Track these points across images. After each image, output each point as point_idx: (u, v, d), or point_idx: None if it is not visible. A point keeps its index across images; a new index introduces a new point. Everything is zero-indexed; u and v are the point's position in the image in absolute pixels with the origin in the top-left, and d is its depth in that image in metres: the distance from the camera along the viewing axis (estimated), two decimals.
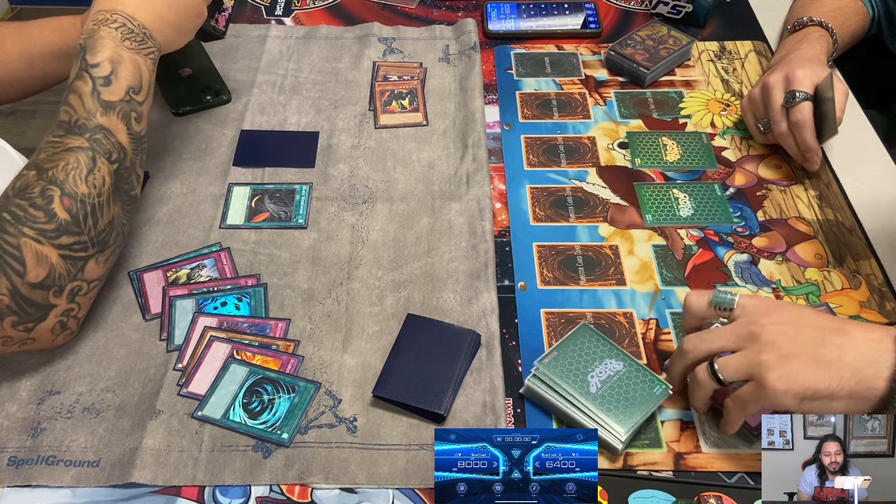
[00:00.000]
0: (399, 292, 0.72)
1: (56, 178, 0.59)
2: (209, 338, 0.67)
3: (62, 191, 0.59)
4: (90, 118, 0.61)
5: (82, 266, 0.60)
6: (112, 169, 0.62)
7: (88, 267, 0.61)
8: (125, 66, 0.64)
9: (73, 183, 0.59)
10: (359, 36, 1.01)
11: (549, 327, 0.69)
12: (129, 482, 0.58)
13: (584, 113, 0.91)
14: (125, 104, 0.63)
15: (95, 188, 0.60)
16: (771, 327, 0.56)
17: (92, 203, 0.60)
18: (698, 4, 1.01)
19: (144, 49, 0.66)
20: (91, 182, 0.60)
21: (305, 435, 0.61)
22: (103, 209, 0.61)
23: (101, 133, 0.61)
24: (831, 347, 0.55)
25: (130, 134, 0.64)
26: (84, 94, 0.62)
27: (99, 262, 0.62)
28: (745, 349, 0.57)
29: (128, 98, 0.64)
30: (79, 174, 0.59)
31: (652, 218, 0.79)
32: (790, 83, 0.80)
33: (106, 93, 0.62)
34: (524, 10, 1.04)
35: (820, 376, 0.54)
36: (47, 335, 0.61)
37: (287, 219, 0.78)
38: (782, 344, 0.55)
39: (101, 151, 0.61)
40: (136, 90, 0.65)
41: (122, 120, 0.63)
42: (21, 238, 0.56)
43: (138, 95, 0.65)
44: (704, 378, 0.58)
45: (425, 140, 0.87)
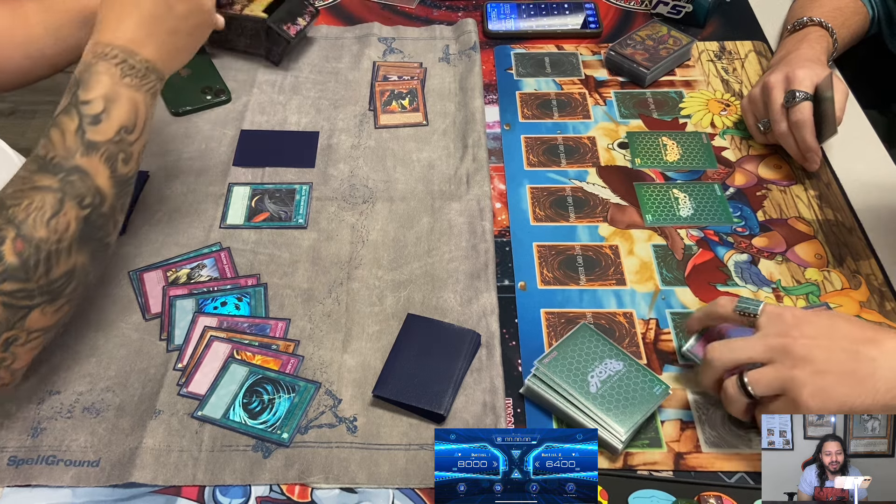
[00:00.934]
0: (399, 292, 0.72)
1: (15, 218, 0.54)
2: (209, 338, 0.68)
3: (17, 231, 0.53)
4: (68, 158, 0.56)
5: (24, 315, 0.54)
6: (82, 215, 0.56)
7: (31, 317, 0.55)
8: (120, 104, 0.59)
9: (31, 224, 0.54)
10: (359, 36, 1.01)
11: (549, 327, 0.69)
12: (129, 482, 0.58)
13: (584, 113, 0.91)
14: (113, 145, 0.58)
15: (56, 233, 0.55)
16: (802, 341, 0.55)
17: (48, 249, 0.54)
18: (698, 4, 1.02)
19: (146, 84, 0.61)
20: (53, 226, 0.54)
21: (305, 435, 0.61)
22: (60, 257, 0.55)
23: (76, 175, 0.56)
24: (865, 361, 0.54)
25: (114, 177, 0.58)
26: (67, 132, 0.57)
27: (45, 313, 0.56)
28: (776, 363, 0.56)
29: (118, 138, 0.58)
30: (41, 216, 0.54)
31: (652, 218, 0.79)
32: (790, 83, 0.80)
33: (92, 132, 0.57)
34: (524, 10, 1.04)
35: (855, 392, 0.53)
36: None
37: (287, 219, 0.78)
38: (815, 359, 0.54)
39: (72, 195, 0.56)
40: (129, 129, 0.59)
41: (105, 162, 0.58)
42: None
43: (131, 135, 0.60)
44: (735, 393, 0.57)
45: (425, 140, 0.87)
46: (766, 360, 0.56)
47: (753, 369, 0.57)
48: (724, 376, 0.59)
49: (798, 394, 0.54)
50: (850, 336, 0.56)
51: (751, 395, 0.56)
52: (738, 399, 0.57)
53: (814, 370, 0.54)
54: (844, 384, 0.54)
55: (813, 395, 0.53)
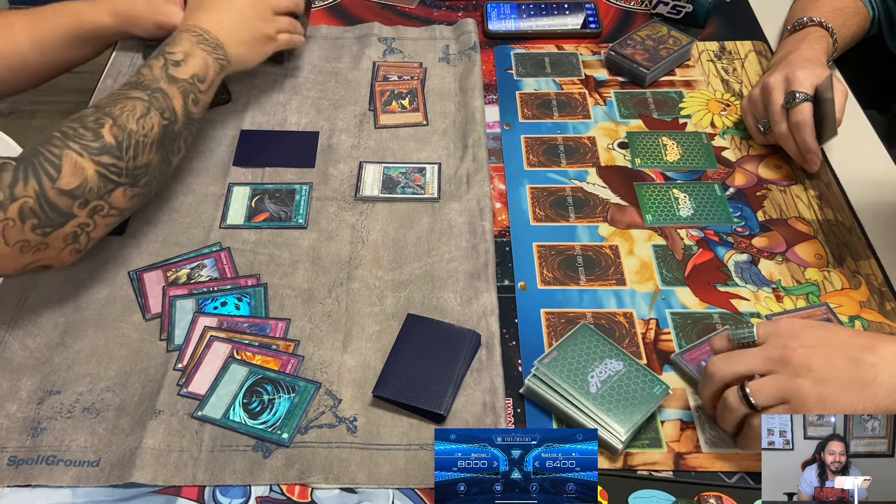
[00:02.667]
0: (399, 292, 0.72)
1: (111, 112, 0.66)
2: (209, 338, 0.68)
3: (114, 122, 0.65)
4: (155, 82, 0.69)
5: (111, 189, 0.64)
6: (163, 123, 0.68)
7: (116, 193, 0.65)
8: (195, 58, 0.73)
9: (125, 118, 0.65)
10: (359, 36, 1.01)
11: (549, 327, 0.69)
12: (129, 482, 0.58)
13: (584, 113, 0.91)
14: (188, 84, 0.71)
15: (143, 129, 0.66)
16: (801, 350, 0.56)
17: (137, 139, 0.66)
18: (698, 4, 1.02)
19: (215, 54, 0.75)
20: (141, 123, 0.66)
21: (305, 435, 0.61)
22: (145, 150, 0.66)
23: (160, 94, 0.69)
24: (865, 367, 0.54)
25: (186, 108, 0.71)
26: (155, 67, 0.70)
27: (126, 195, 0.66)
28: (776, 373, 0.56)
29: (192, 81, 0.72)
30: (132, 115, 0.66)
31: (652, 218, 0.79)
32: (790, 84, 0.80)
33: (174, 70, 0.71)
34: (524, 10, 1.04)
35: (857, 399, 0.54)
36: (59, 243, 0.63)
37: (287, 219, 0.78)
38: (816, 367, 0.55)
39: (157, 107, 0.68)
40: (201, 79, 0.73)
41: (181, 94, 0.70)
42: (65, 150, 0.62)
43: (202, 84, 0.73)
44: (735, 402, 0.57)
45: (425, 140, 0.87)
46: (766, 372, 0.57)
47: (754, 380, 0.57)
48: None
49: (801, 402, 0.54)
50: (847, 343, 0.56)
51: (752, 405, 0.56)
52: (738, 409, 0.57)
53: (815, 378, 0.54)
54: (847, 391, 0.54)
55: (817, 404, 0.54)
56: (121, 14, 0.79)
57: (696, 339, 0.68)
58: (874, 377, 0.54)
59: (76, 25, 0.78)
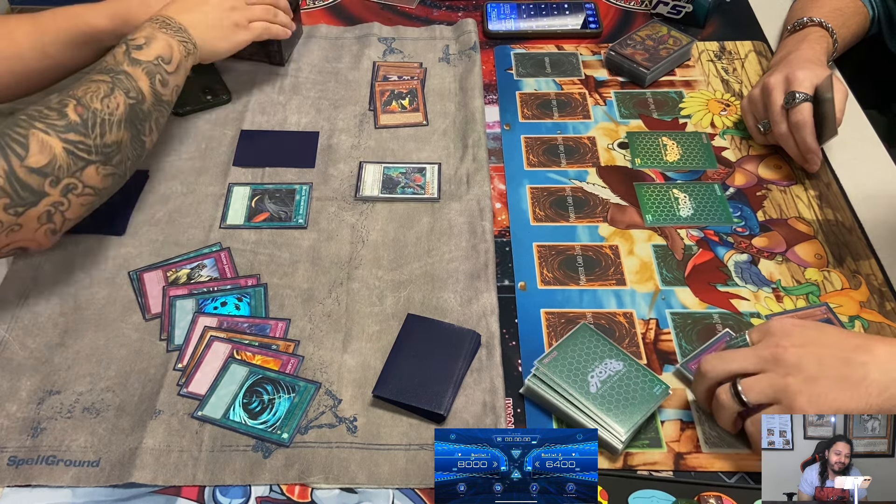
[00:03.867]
0: (399, 292, 0.72)
1: (74, 94, 0.66)
2: (209, 338, 0.68)
3: (77, 101, 0.65)
4: (117, 65, 0.70)
5: (82, 167, 0.64)
6: (128, 102, 0.68)
7: (88, 171, 0.65)
8: (157, 41, 0.73)
9: (88, 98, 0.66)
10: (359, 36, 1.01)
11: (549, 327, 0.69)
12: (129, 482, 0.58)
13: (584, 113, 0.91)
14: (152, 65, 0.72)
15: (108, 108, 0.67)
16: (793, 349, 0.56)
17: (102, 118, 0.66)
18: (698, 4, 1.02)
19: (178, 36, 0.76)
20: (105, 103, 0.67)
21: (305, 435, 0.61)
22: (112, 128, 0.67)
23: (123, 75, 0.69)
24: (857, 366, 0.55)
25: (153, 88, 0.71)
26: (118, 53, 0.71)
27: (99, 173, 0.66)
28: (768, 371, 0.56)
29: (156, 62, 0.72)
30: (96, 95, 0.67)
31: (652, 218, 0.79)
32: (790, 84, 0.80)
33: (136, 53, 0.71)
34: (524, 10, 1.05)
35: (848, 396, 0.54)
36: (33, 223, 0.63)
37: (287, 219, 0.78)
38: (807, 366, 0.55)
39: (121, 87, 0.68)
40: (166, 60, 0.73)
41: (146, 74, 0.71)
42: (31, 129, 0.62)
43: (168, 65, 0.73)
44: (727, 400, 0.57)
45: (425, 140, 0.87)
46: (758, 370, 0.57)
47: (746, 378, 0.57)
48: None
49: (793, 401, 0.54)
50: (839, 343, 0.56)
51: (744, 402, 0.56)
52: (731, 406, 0.57)
53: (806, 377, 0.55)
54: (838, 389, 0.54)
55: (808, 402, 0.54)
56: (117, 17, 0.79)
57: (696, 338, 0.68)
58: (865, 376, 0.54)
59: (75, 29, 0.78)
